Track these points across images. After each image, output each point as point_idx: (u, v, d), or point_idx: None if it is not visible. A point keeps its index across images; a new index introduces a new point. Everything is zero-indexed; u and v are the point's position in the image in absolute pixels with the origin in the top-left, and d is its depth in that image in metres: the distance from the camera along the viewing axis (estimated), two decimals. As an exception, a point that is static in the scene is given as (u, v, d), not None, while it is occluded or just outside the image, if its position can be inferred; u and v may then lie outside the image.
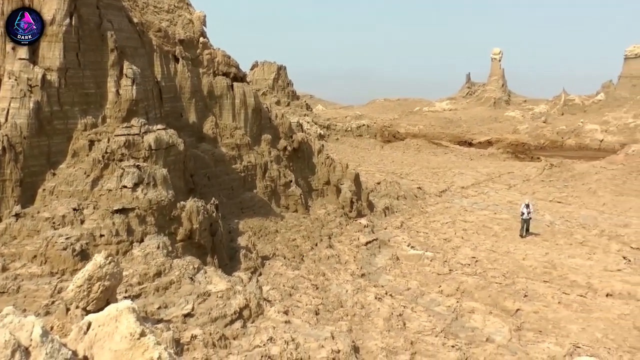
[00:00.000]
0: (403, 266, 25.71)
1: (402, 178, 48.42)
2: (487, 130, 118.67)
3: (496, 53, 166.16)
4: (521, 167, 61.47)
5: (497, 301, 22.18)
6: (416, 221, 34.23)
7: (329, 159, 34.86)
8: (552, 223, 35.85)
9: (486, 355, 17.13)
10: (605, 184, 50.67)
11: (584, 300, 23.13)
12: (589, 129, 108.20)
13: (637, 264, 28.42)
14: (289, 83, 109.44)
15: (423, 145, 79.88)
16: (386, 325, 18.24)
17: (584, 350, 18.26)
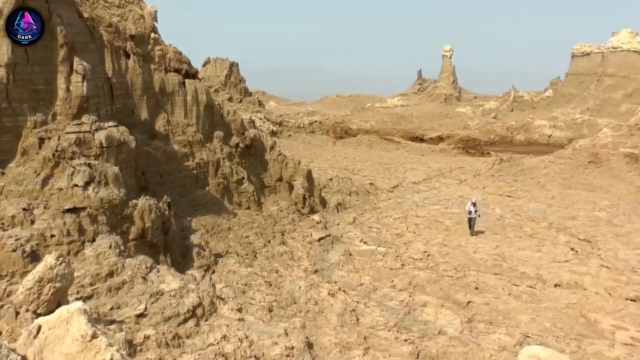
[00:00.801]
0: (356, 262, 25.90)
1: (355, 174, 48.68)
2: (438, 126, 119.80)
3: (447, 50, 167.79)
4: (472, 162, 62.25)
5: (449, 294, 22.50)
6: (368, 217, 34.49)
7: (282, 156, 34.88)
8: (502, 216, 36.48)
9: (438, 348, 17.37)
10: (553, 178, 51.66)
11: (533, 291, 23.67)
12: (537, 124, 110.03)
13: (584, 254, 29.16)
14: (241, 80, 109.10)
15: (375, 141, 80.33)
16: (339, 320, 18.37)
17: (534, 339, 18.71)
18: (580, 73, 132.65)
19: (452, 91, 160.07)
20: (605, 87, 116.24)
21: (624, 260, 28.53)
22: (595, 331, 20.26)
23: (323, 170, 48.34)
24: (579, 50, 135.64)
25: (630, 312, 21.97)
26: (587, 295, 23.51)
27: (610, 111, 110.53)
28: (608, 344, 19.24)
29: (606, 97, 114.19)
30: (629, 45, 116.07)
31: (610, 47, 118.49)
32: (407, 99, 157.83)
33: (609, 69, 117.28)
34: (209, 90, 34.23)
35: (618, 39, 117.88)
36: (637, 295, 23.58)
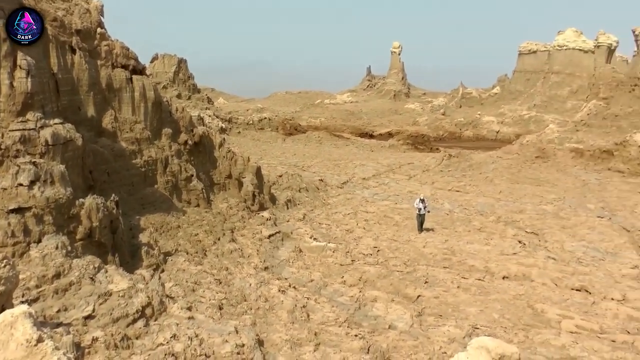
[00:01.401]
0: (306, 258, 25.93)
1: (304, 170, 48.74)
2: (387, 122, 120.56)
3: (396, 47, 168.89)
4: (421, 157, 62.83)
5: (399, 289, 22.69)
6: (318, 213, 34.56)
7: (231, 153, 34.71)
8: (451, 211, 36.90)
9: (389, 342, 17.49)
10: (501, 172, 52.47)
11: (481, 283, 24.06)
12: (485, 120, 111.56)
13: (532, 247, 29.76)
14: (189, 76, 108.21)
15: (325, 137, 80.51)
16: (290, 317, 18.37)
17: (482, 330, 19.03)
18: (527, 70, 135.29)
19: (401, 87, 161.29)
20: (551, 84, 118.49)
21: (569, 252, 29.23)
22: (542, 321, 20.72)
23: (272, 167, 48.28)
24: (526, 48, 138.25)
25: (575, 302, 22.57)
26: (534, 287, 24.02)
27: (557, 107, 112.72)
28: (554, 332, 19.72)
29: (552, 94, 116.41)
30: (574, 44, 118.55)
31: (556, 46, 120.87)
32: (356, 95, 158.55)
33: (555, 66, 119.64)
34: (157, 86, 33.84)
35: (564, 38, 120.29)
36: (582, 285, 24.23)
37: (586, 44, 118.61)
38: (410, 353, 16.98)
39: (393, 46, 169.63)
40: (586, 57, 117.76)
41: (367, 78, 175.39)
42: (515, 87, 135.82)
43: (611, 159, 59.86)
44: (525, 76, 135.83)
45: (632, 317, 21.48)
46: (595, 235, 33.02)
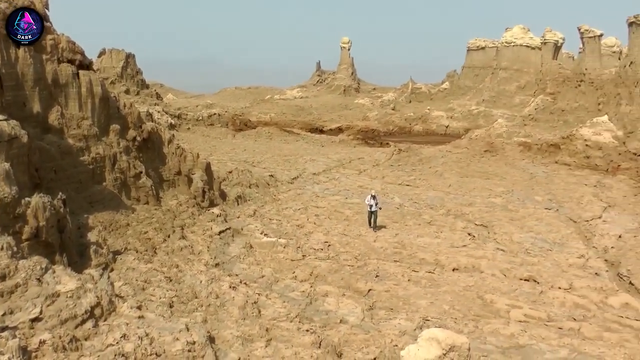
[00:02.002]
0: (257, 254, 25.88)
1: (254, 166, 48.59)
2: (337, 117, 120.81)
3: (345, 42, 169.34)
4: (371, 152, 63.15)
5: (350, 283, 22.81)
6: (269, 209, 34.51)
7: (180, 149, 34.43)
8: (401, 205, 37.19)
9: (340, 336, 17.57)
10: (450, 166, 53.03)
11: (432, 276, 24.37)
12: (435, 115, 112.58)
13: (481, 239, 30.26)
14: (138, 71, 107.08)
15: (275, 133, 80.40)
16: (241, 313, 18.31)
17: (433, 322, 19.26)
18: (476, 66, 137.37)
19: (351, 83, 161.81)
20: (499, 80, 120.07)
21: (518, 243, 29.79)
22: (492, 311, 21.10)
23: (222, 163, 48.01)
24: (474, 45, 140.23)
25: (524, 291, 23.08)
26: (484, 278, 24.43)
27: (505, 102, 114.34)
28: (503, 322, 20.12)
29: (501, 89, 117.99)
30: (521, 41, 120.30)
31: (504, 42, 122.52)
32: (306, 90, 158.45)
33: (503, 62, 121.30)
34: (105, 82, 33.38)
35: (511, 35, 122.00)
36: (530, 275, 24.82)
37: (533, 41, 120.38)
38: (362, 347, 17.08)
39: (342, 41, 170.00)
40: (533, 53, 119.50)
41: (316, 73, 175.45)
42: (464, 83, 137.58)
43: (558, 153, 60.91)
44: (474, 72, 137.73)
45: (578, 304, 22.14)
46: (543, 226, 33.67)
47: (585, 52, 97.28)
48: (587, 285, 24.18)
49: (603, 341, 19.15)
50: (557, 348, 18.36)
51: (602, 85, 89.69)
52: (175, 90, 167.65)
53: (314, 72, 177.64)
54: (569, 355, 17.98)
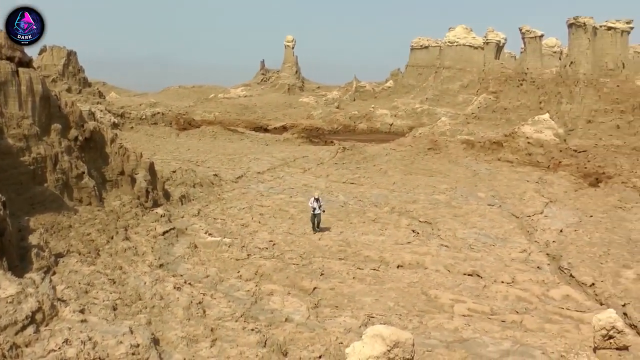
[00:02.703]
0: (201, 254, 25.69)
1: (199, 166, 48.26)
2: (282, 116, 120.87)
3: (289, 40, 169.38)
4: (315, 151, 63.28)
5: (295, 282, 22.82)
6: (213, 208, 34.31)
7: (123, 149, 34.00)
8: (345, 203, 37.33)
9: (285, 335, 17.56)
10: (395, 164, 53.51)
11: (377, 273, 24.52)
12: (379, 113, 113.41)
13: (425, 235, 30.59)
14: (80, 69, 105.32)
15: (219, 132, 79.99)
16: (186, 314, 18.16)
17: (378, 319, 19.36)
18: (420, 65, 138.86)
19: (295, 81, 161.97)
20: (443, 79, 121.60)
21: (461, 239, 30.24)
22: (436, 306, 21.36)
23: (166, 162, 47.55)
24: (418, 44, 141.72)
25: (467, 286, 23.44)
26: (428, 274, 24.69)
27: (448, 101, 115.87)
28: (447, 317, 20.37)
29: (444, 88, 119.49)
30: (464, 40, 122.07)
31: (447, 42, 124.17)
32: (250, 89, 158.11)
33: (446, 61, 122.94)
34: (45, 80, 32.73)
35: (454, 34, 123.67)
36: (474, 270, 25.22)
37: (476, 41, 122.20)
38: (307, 345, 17.09)
39: (287, 40, 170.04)
40: (476, 53, 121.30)
41: (261, 72, 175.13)
42: (408, 81, 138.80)
43: (501, 150, 61.99)
44: (418, 71, 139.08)
45: (521, 297, 22.61)
46: (486, 222, 34.22)
47: (526, 52, 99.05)
48: (529, 278, 24.71)
49: (544, 332, 19.58)
50: (500, 340, 18.67)
51: (543, 85, 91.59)
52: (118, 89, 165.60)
53: (258, 70, 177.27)
54: (512, 347, 18.31)
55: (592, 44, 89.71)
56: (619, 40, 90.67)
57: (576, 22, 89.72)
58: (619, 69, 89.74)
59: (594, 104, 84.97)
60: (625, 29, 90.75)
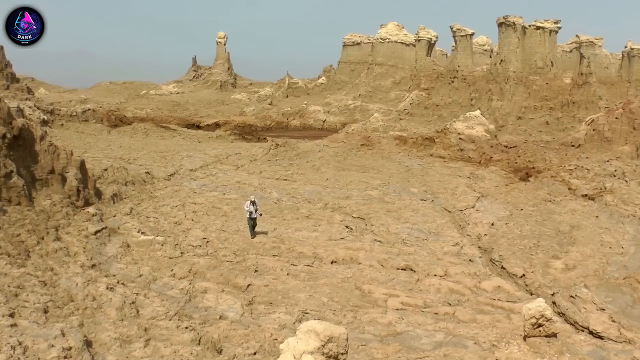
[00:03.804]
0: (134, 253, 25.41)
1: (130, 163, 47.58)
2: (214, 112, 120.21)
3: (221, 37, 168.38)
4: (248, 147, 63.05)
5: (229, 279, 22.86)
6: (146, 206, 33.91)
7: (53, 146, 33.31)
8: (279, 200, 37.40)
9: (220, 332, 17.55)
10: (328, 160, 53.75)
11: (310, 269, 24.78)
12: (312, 110, 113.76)
13: (359, 231, 30.88)
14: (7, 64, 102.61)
15: (151, 129, 78.98)
16: (119, 314, 17.96)
17: (312, 315, 19.61)
18: (352, 62, 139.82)
19: (228, 78, 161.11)
20: (375, 75, 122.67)
21: (395, 234, 30.66)
22: (370, 301, 21.69)
23: (98, 160, 46.74)
24: (350, 40, 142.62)
25: (400, 280, 23.89)
26: (362, 269, 25.00)
27: (381, 97, 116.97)
28: (381, 311, 20.75)
29: (376, 85, 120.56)
30: (395, 37, 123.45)
31: (379, 38, 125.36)
32: (182, 85, 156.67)
33: (379, 58, 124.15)
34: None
35: (386, 31, 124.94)
36: (407, 265, 25.68)
37: (407, 38, 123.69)
38: (242, 342, 17.13)
39: (218, 36, 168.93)
40: (408, 50, 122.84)
41: (192, 68, 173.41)
42: (341, 78, 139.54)
43: (433, 146, 62.97)
44: (350, 67, 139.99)
45: (453, 290, 23.19)
46: (419, 217, 34.75)
47: (457, 49, 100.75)
48: (462, 271, 25.32)
49: (477, 323, 20.13)
50: (433, 332, 19.11)
51: (474, 82, 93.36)
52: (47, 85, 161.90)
53: (190, 67, 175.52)
54: (445, 338, 18.74)
55: (522, 42, 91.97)
56: (547, 39, 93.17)
57: (506, 21, 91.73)
58: (548, 67, 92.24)
59: (524, 101, 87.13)
60: (553, 28, 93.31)
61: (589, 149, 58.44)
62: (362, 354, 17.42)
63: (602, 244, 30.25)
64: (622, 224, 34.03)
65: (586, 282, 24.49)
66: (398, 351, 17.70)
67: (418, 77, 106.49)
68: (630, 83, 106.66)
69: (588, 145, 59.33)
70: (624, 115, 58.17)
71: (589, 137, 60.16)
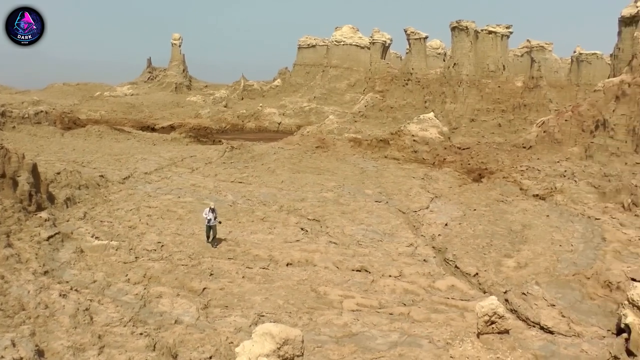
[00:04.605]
0: (88, 258, 25.11)
1: (84, 166, 47.01)
2: (169, 115, 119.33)
3: (176, 38, 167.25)
4: (203, 150, 62.79)
5: (184, 283, 22.78)
6: (100, 210, 33.54)
7: (4, 149, 32.78)
8: (234, 203, 37.31)
9: (175, 337, 17.51)
10: (283, 163, 53.80)
11: (266, 272, 24.85)
12: (267, 112, 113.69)
13: (314, 233, 31.00)
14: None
15: (105, 131, 78.05)
16: (72, 322, 17.73)
17: (268, 317, 19.71)
18: (307, 64, 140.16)
19: (183, 80, 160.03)
20: (330, 78, 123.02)
21: (350, 236, 30.85)
22: (325, 302, 21.83)
23: (50, 163, 46.07)
24: (305, 43, 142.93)
25: (356, 282, 24.11)
26: (317, 271, 25.15)
27: (336, 99, 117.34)
28: (337, 312, 20.95)
29: (331, 87, 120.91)
30: (350, 40, 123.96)
31: (334, 41, 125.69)
32: (137, 87, 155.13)
33: (333, 60, 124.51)
34: None
35: (341, 34, 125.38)
36: (362, 266, 25.91)
37: (362, 40, 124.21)
38: (197, 346, 17.11)
39: (173, 38, 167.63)
40: (362, 52, 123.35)
41: (147, 70, 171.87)
42: (296, 80, 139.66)
43: (387, 148, 63.42)
44: (305, 69, 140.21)
45: (408, 290, 23.48)
46: (374, 218, 34.97)
47: (411, 52, 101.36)
48: (416, 271, 25.61)
49: (431, 322, 20.46)
50: (389, 333, 19.34)
51: (428, 84, 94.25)
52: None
53: (144, 68, 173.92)
54: (400, 338, 18.98)
55: (474, 46, 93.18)
56: (499, 43, 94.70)
57: (459, 25, 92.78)
58: (500, 70, 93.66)
59: (477, 104, 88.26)
60: (505, 33, 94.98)
61: (539, 150, 59.44)
62: (318, 355, 17.51)
63: (552, 242, 30.84)
64: (572, 222, 34.67)
65: (537, 279, 25.01)
66: (354, 352, 17.84)
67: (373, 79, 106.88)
68: (579, 87, 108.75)
69: (539, 146, 60.34)
70: (573, 117, 59.29)
71: (540, 138, 61.20)
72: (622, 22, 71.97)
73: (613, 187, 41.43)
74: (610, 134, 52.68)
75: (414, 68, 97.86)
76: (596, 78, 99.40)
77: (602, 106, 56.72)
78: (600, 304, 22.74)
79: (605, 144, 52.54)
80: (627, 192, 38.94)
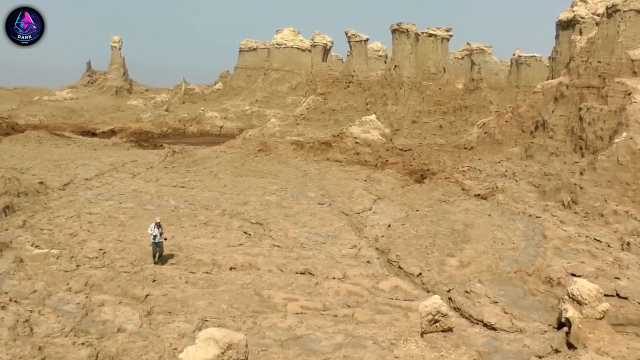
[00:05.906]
0: (28, 268, 24.55)
1: (23, 173, 46.10)
2: (110, 119, 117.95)
3: (116, 41, 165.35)
4: (145, 155, 62.18)
5: (127, 290, 22.53)
6: (39, 218, 32.93)
7: (-63, 159, 32.10)
8: (176, 207, 37.10)
9: (118, 346, 17.29)
10: (225, 166, 53.65)
11: (209, 276, 24.78)
12: (209, 116, 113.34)
13: (257, 236, 31.07)
14: None
15: (44, 137, 76.61)
16: (11, 334, 17.32)
17: (212, 322, 19.60)
18: (248, 67, 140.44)
19: (123, 83, 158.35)
20: (271, 81, 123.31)
21: (293, 238, 31.00)
22: (269, 306, 21.89)
23: (-13, 171, 45.16)
24: (246, 46, 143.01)
25: (300, 284, 24.25)
26: (261, 274, 25.20)
27: (277, 102, 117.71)
28: (281, 316, 21.01)
29: (273, 90, 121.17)
30: (292, 43, 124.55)
31: (275, 44, 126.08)
32: (77, 91, 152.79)
33: (275, 63, 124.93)
34: None
35: (282, 37, 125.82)
36: (306, 269, 26.08)
37: (303, 43, 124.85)
38: (141, 354, 16.95)
39: (113, 40, 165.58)
40: (304, 55, 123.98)
41: (87, 73, 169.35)
42: (237, 83, 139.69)
43: (330, 150, 63.65)
44: (247, 72, 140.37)
45: (352, 292, 23.67)
46: (317, 221, 35.13)
47: (352, 55, 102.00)
48: (360, 273, 25.85)
49: (375, 323, 20.66)
50: (333, 335, 19.45)
51: (369, 87, 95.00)
52: None
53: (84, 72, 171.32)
54: (344, 340, 19.11)
55: (415, 49, 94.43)
56: (439, 46, 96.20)
57: (399, 28, 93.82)
58: (441, 73, 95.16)
59: (418, 106, 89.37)
60: (445, 36, 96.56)
61: (481, 151, 60.59)
62: (262, 359, 17.51)
63: (494, 240, 31.46)
64: (513, 221, 35.41)
65: (480, 277, 25.53)
66: (298, 355, 17.90)
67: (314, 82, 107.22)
68: (519, 88, 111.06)
69: (480, 147, 61.50)
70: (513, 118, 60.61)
71: (481, 139, 62.36)
72: (560, 26, 74.10)
73: (553, 185, 42.48)
74: (550, 134, 53.95)
75: (355, 70, 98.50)
76: (535, 80, 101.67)
77: (541, 107, 58.10)
78: (541, 300, 23.38)
79: (544, 144, 53.82)
80: (566, 191, 39.97)
